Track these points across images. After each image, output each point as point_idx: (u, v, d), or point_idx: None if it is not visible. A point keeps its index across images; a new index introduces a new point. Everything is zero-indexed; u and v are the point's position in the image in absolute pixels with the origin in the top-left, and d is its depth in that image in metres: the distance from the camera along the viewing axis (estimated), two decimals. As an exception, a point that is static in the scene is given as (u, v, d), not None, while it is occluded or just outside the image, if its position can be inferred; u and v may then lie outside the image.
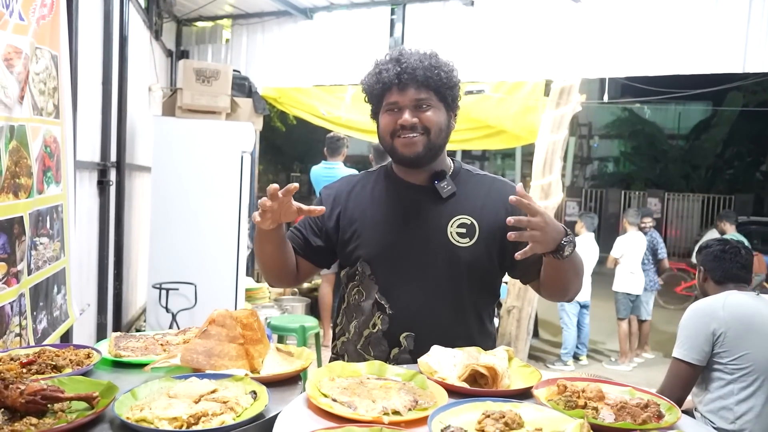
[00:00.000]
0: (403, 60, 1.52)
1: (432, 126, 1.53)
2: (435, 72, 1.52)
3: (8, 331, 1.98)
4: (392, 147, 1.57)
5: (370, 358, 1.55)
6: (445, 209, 1.59)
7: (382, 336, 1.56)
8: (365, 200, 1.65)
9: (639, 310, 6.31)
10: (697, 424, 1.19)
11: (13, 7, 1.90)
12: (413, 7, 5.33)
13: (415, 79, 1.50)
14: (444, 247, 1.56)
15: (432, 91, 1.53)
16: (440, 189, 1.59)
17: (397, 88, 1.52)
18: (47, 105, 2.29)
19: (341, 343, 1.68)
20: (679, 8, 4.41)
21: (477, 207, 1.59)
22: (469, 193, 1.62)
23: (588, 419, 1.04)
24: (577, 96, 5.56)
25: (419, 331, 1.54)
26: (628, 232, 6.31)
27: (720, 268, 2.57)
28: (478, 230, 1.57)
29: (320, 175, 5.29)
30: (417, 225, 1.58)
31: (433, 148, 1.56)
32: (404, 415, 1.09)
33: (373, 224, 1.61)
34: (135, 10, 4.44)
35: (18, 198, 2.02)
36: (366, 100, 1.64)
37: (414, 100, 1.52)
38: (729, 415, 2.36)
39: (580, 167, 18.73)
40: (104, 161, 3.77)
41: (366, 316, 1.59)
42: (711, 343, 2.39)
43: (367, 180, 1.71)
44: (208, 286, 4.07)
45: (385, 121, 1.56)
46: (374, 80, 1.56)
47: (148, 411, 1.05)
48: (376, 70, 1.56)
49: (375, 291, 1.58)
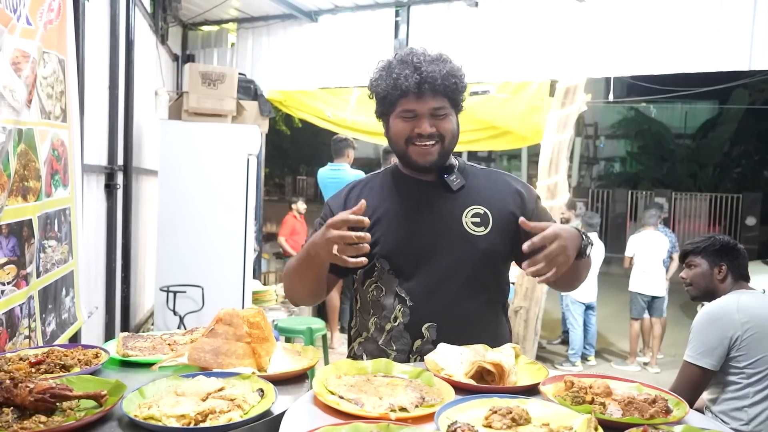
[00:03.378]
0: (422, 68, 1.50)
1: (447, 134, 1.56)
2: (452, 81, 1.53)
3: (18, 333, 2.00)
4: (406, 153, 1.58)
5: (392, 353, 1.56)
6: (457, 201, 1.61)
7: (404, 329, 1.57)
8: (376, 199, 1.64)
9: (654, 311, 6.16)
10: (705, 419, 1.18)
11: (21, 12, 1.92)
12: (417, 8, 5.34)
13: (434, 88, 1.51)
14: (461, 236, 1.58)
15: (447, 99, 1.54)
16: (450, 182, 1.61)
17: (415, 95, 1.51)
18: (55, 109, 2.31)
19: (358, 344, 1.66)
20: (684, 6, 4.40)
21: (487, 197, 1.62)
22: (477, 185, 1.65)
23: (595, 414, 1.03)
24: (583, 95, 5.54)
25: (441, 321, 1.55)
26: (642, 231, 6.27)
27: (741, 265, 2.50)
28: (491, 219, 1.59)
29: (326, 177, 5.29)
30: (432, 218, 1.60)
31: (446, 154, 1.59)
32: (411, 411, 1.08)
33: (387, 221, 1.61)
34: (141, 14, 4.47)
35: (27, 201, 2.03)
36: (370, 97, 1.63)
37: (431, 108, 1.52)
38: (743, 417, 2.32)
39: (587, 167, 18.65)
40: (111, 165, 3.80)
41: (387, 311, 1.59)
42: (726, 347, 2.33)
43: (373, 181, 1.72)
44: (215, 288, 4.08)
45: (400, 126, 1.56)
46: (390, 85, 1.53)
47: (156, 409, 1.05)
48: (392, 75, 1.53)
49: (395, 285, 1.58)
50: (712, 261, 2.52)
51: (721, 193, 14.23)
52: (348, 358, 1.70)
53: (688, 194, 14.49)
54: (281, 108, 6.76)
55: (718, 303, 2.45)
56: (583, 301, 6.05)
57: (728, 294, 2.46)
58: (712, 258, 2.52)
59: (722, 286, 2.51)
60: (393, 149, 1.63)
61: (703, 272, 2.54)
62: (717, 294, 2.51)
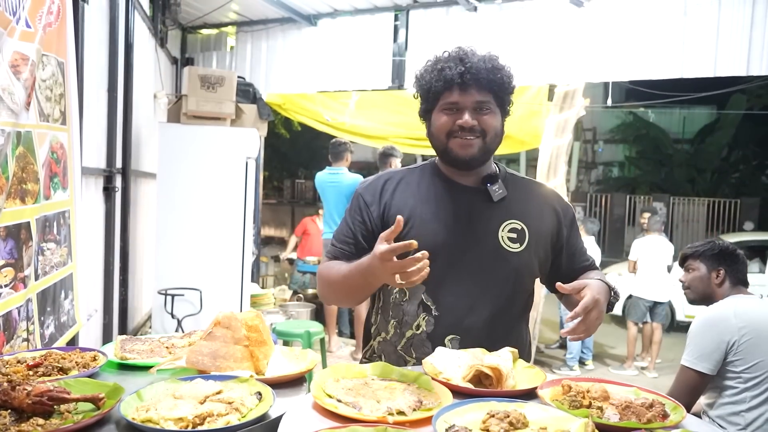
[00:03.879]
0: (467, 60, 1.49)
1: (489, 130, 1.52)
2: (498, 75, 1.51)
3: (15, 335, 1.99)
4: (446, 147, 1.54)
5: (411, 360, 1.54)
6: (496, 213, 1.57)
7: (426, 338, 1.53)
8: (413, 196, 1.59)
9: (656, 316, 6.15)
10: (702, 423, 1.19)
11: (20, 15, 1.92)
12: (416, 13, 5.35)
13: (478, 81, 1.48)
14: (495, 251, 1.54)
15: (492, 94, 1.52)
16: (492, 192, 1.57)
17: (458, 87, 1.49)
18: (54, 111, 2.31)
19: (378, 343, 1.63)
20: (682, 12, 4.42)
21: (526, 212, 1.58)
22: (518, 198, 1.60)
23: (593, 418, 1.03)
24: (581, 100, 5.56)
25: (464, 335, 1.51)
26: (647, 235, 6.27)
27: (740, 270, 2.50)
28: (527, 236, 1.56)
29: (325, 181, 5.30)
30: (468, 227, 1.55)
31: (487, 152, 1.55)
32: (409, 415, 1.09)
33: (422, 222, 1.55)
34: (140, 17, 4.48)
35: (25, 203, 2.03)
36: (416, 97, 1.60)
37: (475, 102, 1.50)
38: (740, 421, 2.32)
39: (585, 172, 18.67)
40: (110, 168, 3.80)
41: (410, 317, 1.55)
42: (724, 352, 2.33)
43: (411, 176, 1.65)
44: (213, 292, 4.08)
45: (442, 120, 1.53)
46: (435, 77, 1.51)
47: (154, 412, 1.05)
48: (438, 67, 1.51)
49: (422, 291, 1.53)
50: (710, 265, 2.53)
51: (719, 198, 14.26)
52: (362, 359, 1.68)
53: (686, 199, 14.52)
54: (280, 111, 6.77)
55: (715, 308, 2.46)
56: None
57: (726, 299, 2.47)
58: (710, 262, 2.53)
59: (719, 290, 2.51)
60: (434, 145, 1.59)
61: (701, 276, 2.55)
62: (714, 298, 2.51)
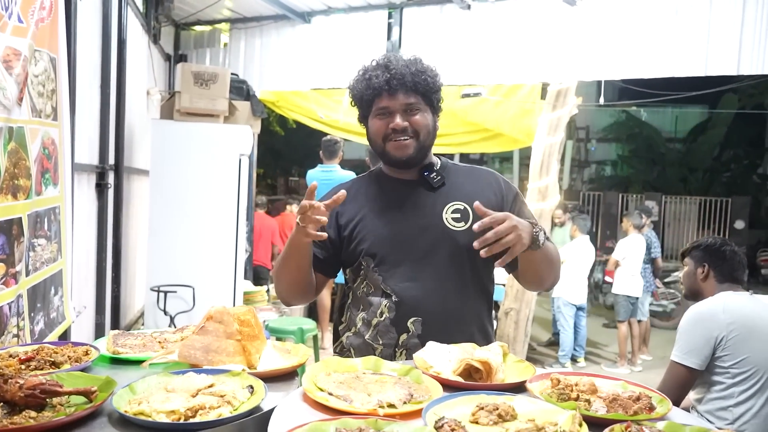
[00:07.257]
0: (392, 66, 1.59)
1: (421, 129, 1.62)
2: (422, 77, 1.60)
3: (6, 331, 1.99)
4: (384, 150, 1.64)
5: (378, 347, 1.60)
6: (438, 198, 1.67)
7: (390, 323, 1.61)
8: (361, 200, 1.71)
9: (637, 312, 6.33)
10: (688, 416, 1.20)
11: (12, 10, 1.92)
12: (410, 10, 5.36)
13: (404, 85, 1.58)
14: (442, 232, 1.62)
15: (419, 95, 1.61)
16: (430, 180, 1.68)
17: (387, 93, 1.59)
18: (46, 107, 2.31)
19: (346, 338, 1.70)
20: (673, 11, 4.44)
21: (467, 193, 1.67)
22: (457, 182, 1.71)
23: (580, 411, 1.05)
24: (574, 99, 5.58)
25: (426, 315, 1.59)
26: (629, 234, 6.30)
27: (727, 267, 2.52)
28: (471, 214, 1.63)
29: (317, 178, 5.29)
30: (414, 215, 1.65)
31: (422, 149, 1.65)
32: (399, 407, 1.10)
33: (371, 219, 1.67)
34: (133, 13, 4.47)
35: (17, 199, 2.03)
36: (352, 104, 1.71)
37: (404, 104, 1.59)
38: (728, 416, 2.35)
39: (578, 170, 18.72)
40: (102, 164, 3.78)
41: (375, 306, 1.63)
42: (712, 347, 2.36)
43: (360, 184, 1.78)
44: (206, 288, 4.08)
45: (377, 125, 1.63)
46: (364, 86, 1.62)
47: (146, 404, 1.06)
48: (366, 76, 1.62)
49: (380, 282, 1.62)
50: (697, 261, 2.59)
51: (710, 197, 14.33)
52: (335, 354, 1.72)
53: (678, 198, 14.59)
54: (274, 108, 6.76)
55: (704, 303, 2.48)
56: (574, 302, 6.08)
57: (716, 295, 2.50)
58: (696, 259, 2.60)
59: (704, 285, 2.55)
60: (373, 149, 1.69)
61: (688, 272, 2.62)
62: (702, 294, 2.55)
